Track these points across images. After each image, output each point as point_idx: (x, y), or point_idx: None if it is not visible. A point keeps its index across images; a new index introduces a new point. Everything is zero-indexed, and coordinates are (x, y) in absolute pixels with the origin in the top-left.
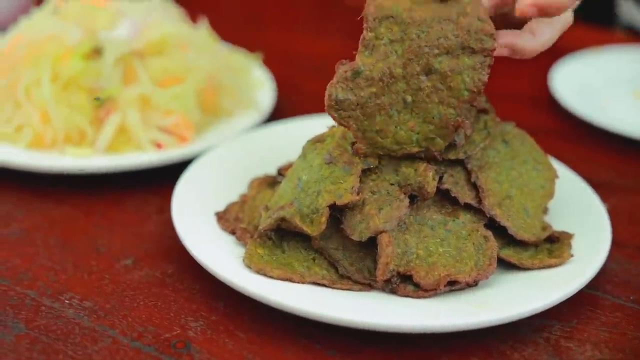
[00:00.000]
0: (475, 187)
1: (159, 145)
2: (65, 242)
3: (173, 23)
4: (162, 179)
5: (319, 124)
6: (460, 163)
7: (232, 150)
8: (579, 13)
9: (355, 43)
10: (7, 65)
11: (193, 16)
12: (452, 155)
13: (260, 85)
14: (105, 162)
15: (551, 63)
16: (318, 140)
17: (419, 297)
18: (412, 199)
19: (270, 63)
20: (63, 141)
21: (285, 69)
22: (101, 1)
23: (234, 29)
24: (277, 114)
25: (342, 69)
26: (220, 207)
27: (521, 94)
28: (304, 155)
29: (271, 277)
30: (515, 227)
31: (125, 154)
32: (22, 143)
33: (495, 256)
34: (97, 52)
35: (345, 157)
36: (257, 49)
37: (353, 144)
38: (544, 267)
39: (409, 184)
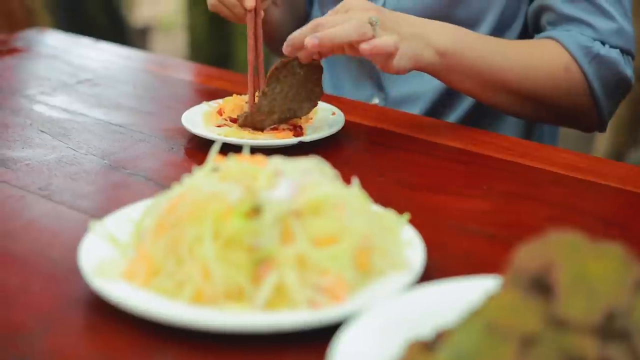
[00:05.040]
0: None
1: (314, 304)
2: None
3: (329, 183)
4: (316, 338)
5: (471, 286)
6: (624, 336)
7: (386, 312)
8: None
9: (496, 202)
10: (171, 222)
11: (346, 177)
12: (615, 327)
13: (410, 246)
14: (262, 320)
15: None
16: (478, 309)
17: None
18: None
19: (418, 223)
20: (222, 298)
21: (432, 229)
22: (260, 161)
23: (382, 190)
24: (427, 274)
25: None
26: None
27: None
28: (463, 324)
29: None
30: None
31: (282, 312)
32: (183, 298)
33: None
34: (256, 211)
35: (505, 326)
36: (405, 209)
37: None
38: None
39: (571, 355)
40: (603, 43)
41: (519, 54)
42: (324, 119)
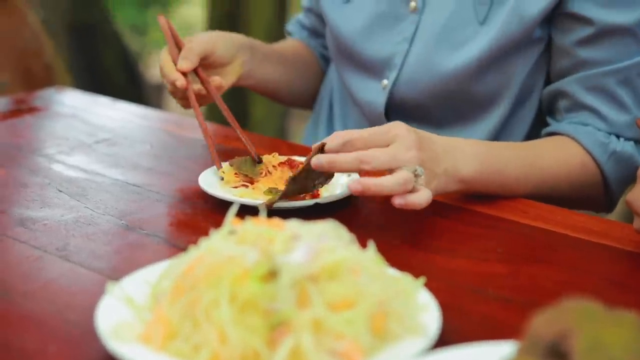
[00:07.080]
0: None
1: None
2: None
3: (345, 247)
4: None
5: (487, 352)
6: None
7: None
8: None
9: (512, 266)
10: (187, 284)
11: (361, 239)
12: None
13: (426, 310)
14: None
15: None
16: None
17: None
18: None
19: (433, 287)
20: None
21: (448, 293)
22: (277, 224)
23: (398, 254)
24: (443, 338)
25: None
26: None
27: None
28: None
29: None
30: None
31: None
32: None
33: None
34: (272, 274)
35: None
36: (420, 273)
37: None
38: None
39: None
40: (618, 136)
41: (538, 163)
42: (340, 180)
